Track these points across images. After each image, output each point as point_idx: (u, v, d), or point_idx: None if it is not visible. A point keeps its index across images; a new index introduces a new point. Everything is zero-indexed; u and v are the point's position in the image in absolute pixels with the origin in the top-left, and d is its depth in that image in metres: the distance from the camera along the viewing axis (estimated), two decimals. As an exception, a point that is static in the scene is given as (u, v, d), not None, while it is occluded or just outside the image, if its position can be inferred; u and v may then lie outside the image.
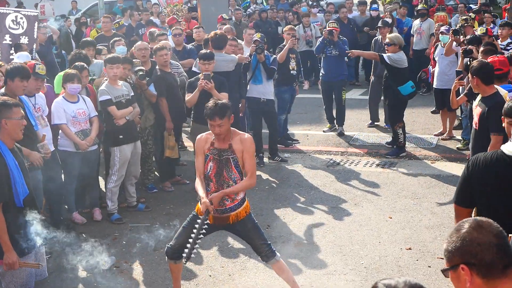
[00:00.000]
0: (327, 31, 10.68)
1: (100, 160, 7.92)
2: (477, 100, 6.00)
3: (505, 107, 4.35)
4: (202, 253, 6.58)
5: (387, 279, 1.98)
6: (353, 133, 11.11)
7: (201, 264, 6.38)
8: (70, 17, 19.07)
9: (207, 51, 8.14)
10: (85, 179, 7.52)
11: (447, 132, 10.60)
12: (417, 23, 14.06)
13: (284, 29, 10.83)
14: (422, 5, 15.16)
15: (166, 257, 5.47)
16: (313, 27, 14.79)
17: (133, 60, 8.42)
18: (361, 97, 13.63)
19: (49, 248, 5.49)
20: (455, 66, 10.00)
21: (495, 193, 3.71)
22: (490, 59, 6.50)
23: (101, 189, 8.08)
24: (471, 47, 8.90)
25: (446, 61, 10.48)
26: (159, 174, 8.91)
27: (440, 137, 10.57)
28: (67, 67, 9.02)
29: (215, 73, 7.97)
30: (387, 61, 9.49)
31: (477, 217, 2.42)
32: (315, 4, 20.45)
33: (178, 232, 5.38)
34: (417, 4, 17.32)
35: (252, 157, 5.19)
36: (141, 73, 8.03)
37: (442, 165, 9.30)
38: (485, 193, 3.73)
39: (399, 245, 6.60)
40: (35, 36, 9.73)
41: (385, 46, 9.79)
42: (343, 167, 9.39)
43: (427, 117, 11.97)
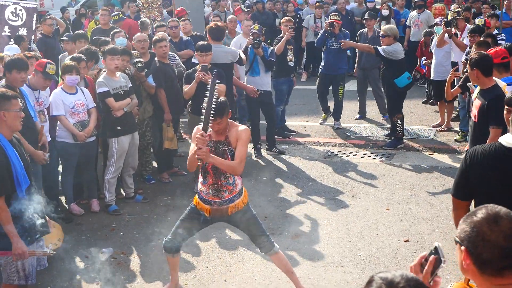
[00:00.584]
0: (328, 23, 10.63)
1: (98, 151, 7.92)
2: (476, 92, 5.99)
3: (508, 96, 4.39)
4: (199, 244, 6.59)
5: (383, 272, 1.97)
6: (351, 125, 11.10)
7: (198, 255, 6.39)
8: (69, 8, 19.00)
9: (204, 42, 8.12)
10: (83, 170, 7.52)
11: (445, 123, 10.60)
12: (414, 15, 14.02)
13: (281, 21, 10.78)
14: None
15: (163, 251, 5.47)
16: (324, 19, 14.68)
17: (132, 51, 8.41)
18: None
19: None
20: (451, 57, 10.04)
21: (493, 185, 3.69)
22: (492, 50, 6.52)
23: (99, 180, 8.08)
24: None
25: (442, 52, 10.47)
26: (157, 165, 8.91)
27: (438, 129, 10.57)
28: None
29: (213, 64, 7.94)
30: (382, 54, 9.47)
31: (498, 209, 2.25)
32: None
33: (175, 225, 5.38)
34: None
35: (244, 145, 5.10)
36: (140, 64, 8.03)
37: (440, 157, 9.31)
38: (483, 186, 3.72)
39: (396, 237, 6.62)
40: (34, 27, 9.71)
41: (380, 38, 9.78)
42: (340, 159, 9.40)
43: (424, 109, 11.97)
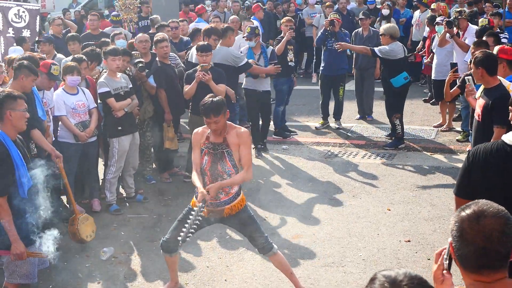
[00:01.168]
0: (328, 21, 10.61)
1: (99, 151, 7.93)
2: (479, 91, 5.98)
3: None
4: (199, 244, 6.59)
5: (386, 270, 1.96)
6: (351, 125, 11.10)
7: (199, 255, 6.39)
8: (70, 10, 18.98)
9: (204, 43, 8.13)
10: (84, 170, 7.53)
11: (447, 123, 10.58)
12: (417, 14, 14.00)
13: (282, 21, 10.77)
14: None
15: (161, 251, 5.48)
16: None
17: (133, 52, 8.42)
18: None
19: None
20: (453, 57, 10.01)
21: (496, 183, 3.67)
22: (497, 48, 6.53)
23: (99, 180, 8.08)
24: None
25: (443, 52, 10.45)
26: (157, 165, 8.92)
27: (439, 129, 10.56)
28: None
29: (216, 64, 7.97)
30: (378, 54, 9.47)
31: (487, 207, 2.23)
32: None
33: (173, 225, 5.39)
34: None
35: (249, 150, 5.20)
36: (141, 65, 8.05)
37: (441, 157, 9.30)
38: (485, 184, 3.69)
39: (397, 237, 6.61)
40: (37, 29, 9.73)
41: (380, 36, 9.80)
42: (341, 159, 9.39)
43: (426, 109, 11.96)
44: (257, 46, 9.48)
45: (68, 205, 7.52)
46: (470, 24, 10.59)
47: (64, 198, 7.59)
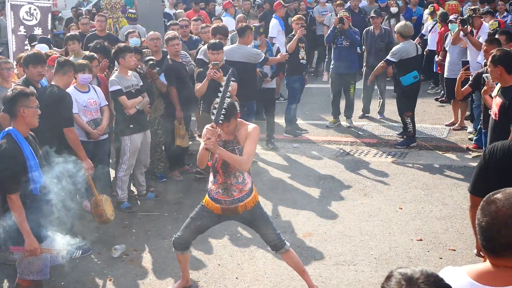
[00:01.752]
0: (338, 19, 10.59)
1: (110, 148, 7.95)
2: (496, 90, 5.91)
3: None
4: (211, 242, 6.59)
5: (403, 268, 1.95)
6: (363, 123, 11.06)
7: (210, 253, 6.39)
8: (81, 8, 19.03)
9: (216, 40, 8.13)
10: (95, 167, 7.53)
11: (459, 122, 10.52)
12: (427, 13, 13.92)
13: (292, 19, 10.76)
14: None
15: (173, 248, 5.48)
16: None
17: (144, 50, 8.44)
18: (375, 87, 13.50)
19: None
20: (466, 55, 9.94)
21: None
22: None
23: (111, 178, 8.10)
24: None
25: (456, 50, 10.39)
26: (168, 163, 8.93)
27: (451, 127, 10.50)
28: None
29: (236, 62, 8.07)
30: (393, 60, 9.54)
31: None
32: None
33: (185, 223, 5.38)
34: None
35: (253, 142, 5.09)
36: (152, 62, 8.05)
37: (453, 156, 9.23)
38: (502, 182, 3.65)
39: (409, 236, 6.57)
40: (49, 27, 9.76)
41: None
42: (352, 157, 9.36)
43: (438, 107, 11.89)
44: (262, 44, 9.86)
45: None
46: (484, 22, 10.51)
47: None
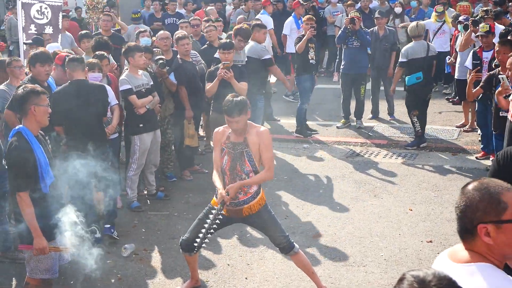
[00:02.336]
0: (349, 19, 10.57)
1: (120, 148, 7.97)
2: None
3: None
4: (220, 242, 6.59)
5: (415, 270, 1.94)
6: (373, 124, 11.02)
7: (219, 253, 6.39)
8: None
9: (227, 40, 8.13)
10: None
11: (469, 123, 10.46)
12: (435, 14, 13.85)
13: (303, 19, 10.74)
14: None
15: (180, 250, 5.49)
16: None
17: (154, 49, 8.44)
18: (380, 88, 13.46)
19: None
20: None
21: None
22: None
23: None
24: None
25: (467, 51, 10.33)
26: (178, 163, 8.93)
27: (462, 129, 10.44)
28: None
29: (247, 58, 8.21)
30: (403, 60, 9.65)
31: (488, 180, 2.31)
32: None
33: (193, 224, 5.39)
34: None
35: (268, 149, 5.15)
36: (161, 61, 8.05)
37: (463, 157, 9.19)
38: None
39: (419, 238, 6.54)
40: (60, 26, 9.77)
41: None
42: (362, 158, 9.33)
43: (449, 109, 11.83)
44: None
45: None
46: (496, 23, 10.45)
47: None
